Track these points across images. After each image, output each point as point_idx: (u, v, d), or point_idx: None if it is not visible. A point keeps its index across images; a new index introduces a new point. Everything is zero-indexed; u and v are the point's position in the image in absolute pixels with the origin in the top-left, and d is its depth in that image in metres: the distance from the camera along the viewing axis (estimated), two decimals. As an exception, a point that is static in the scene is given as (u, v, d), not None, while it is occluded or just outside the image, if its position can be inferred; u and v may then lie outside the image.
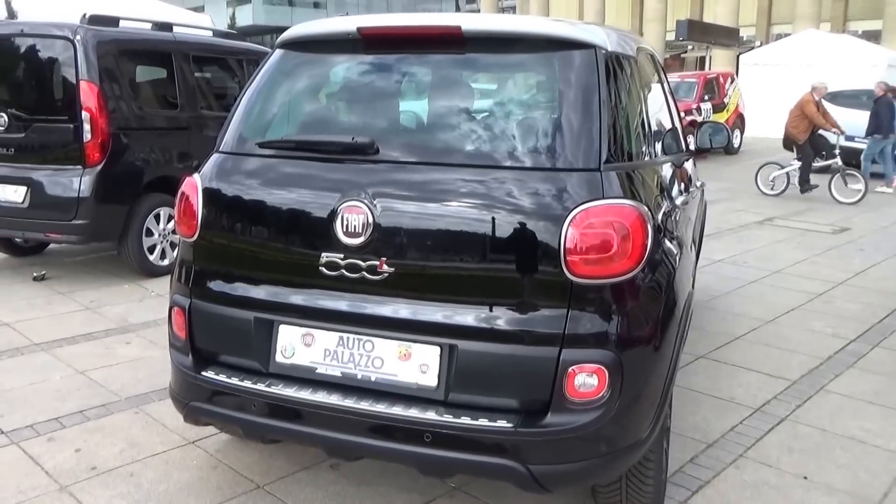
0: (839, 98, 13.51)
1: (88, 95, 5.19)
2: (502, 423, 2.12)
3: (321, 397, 2.27)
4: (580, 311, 2.12)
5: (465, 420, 2.13)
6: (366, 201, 2.21)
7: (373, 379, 2.27)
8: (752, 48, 25.02)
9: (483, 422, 2.13)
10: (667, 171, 2.98)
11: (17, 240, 6.30)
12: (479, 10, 40.74)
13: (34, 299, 5.30)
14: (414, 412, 2.17)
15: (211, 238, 2.50)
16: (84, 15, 5.49)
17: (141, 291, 5.56)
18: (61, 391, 3.76)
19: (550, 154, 2.21)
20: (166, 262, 5.97)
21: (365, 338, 2.29)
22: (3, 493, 2.84)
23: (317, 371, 2.33)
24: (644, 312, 2.23)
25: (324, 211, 2.27)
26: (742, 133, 16.95)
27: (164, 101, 5.98)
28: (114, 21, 5.64)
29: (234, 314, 2.44)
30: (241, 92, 2.70)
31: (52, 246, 6.64)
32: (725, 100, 16.42)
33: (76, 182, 5.29)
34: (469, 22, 2.34)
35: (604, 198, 2.13)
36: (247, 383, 2.37)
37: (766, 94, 18.78)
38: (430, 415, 2.16)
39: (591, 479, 2.33)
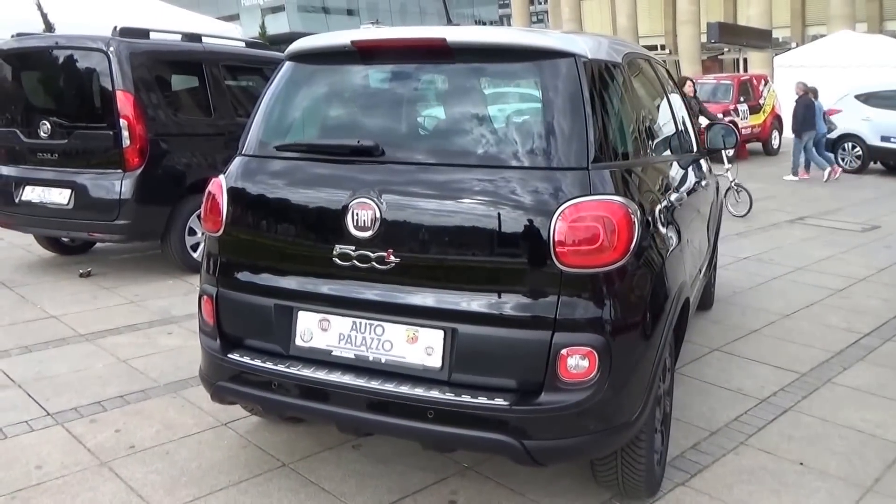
0: (873, 99, 13.39)
1: (125, 104, 5.50)
2: (499, 401, 2.31)
3: (335, 377, 2.48)
4: (570, 298, 2.30)
5: (465, 398, 2.33)
6: (373, 198, 2.43)
7: (383, 361, 2.48)
8: (788, 49, 24.75)
9: (481, 400, 2.32)
10: (667, 169, 3.13)
11: (63, 239, 6.66)
12: (510, 15, 40.78)
13: (80, 294, 5.63)
14: (419, 391, 2.38)
15: (235, 233, 2.74)
16: (115, 28, 5.82)
17: (185, 286, 5.86)
18: (104, 377, 4.04)
19: (540, 154, 2.40)
20: (207, 258, 6.27)
21: (376, 323, 2.50)
22: (49, 468, 3.10)
23: (332, 353, 2.55)
24: (631, 300, 2.40)
25: (336, 207, 2.49)
26: (780, 134, 16.82)
27: (199, 108, 6.28)
28: (144, 33, 5.97)
29: (258, 301, 2.67)
30: (258, 100, 2.94)
31: (97, 245, 6.99)
32: (761, 101, 16.34)
33: (117, 185, 5.61)
34: (454, 34, 2.55)
35: (591, 194, 2.31)
36: (268, 364, 2.60)
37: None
38: (434, 393, 2.36)
39: (581, 456, 2.50)
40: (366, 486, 2.95)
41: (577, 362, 2.30)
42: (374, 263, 2.44)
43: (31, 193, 5.90)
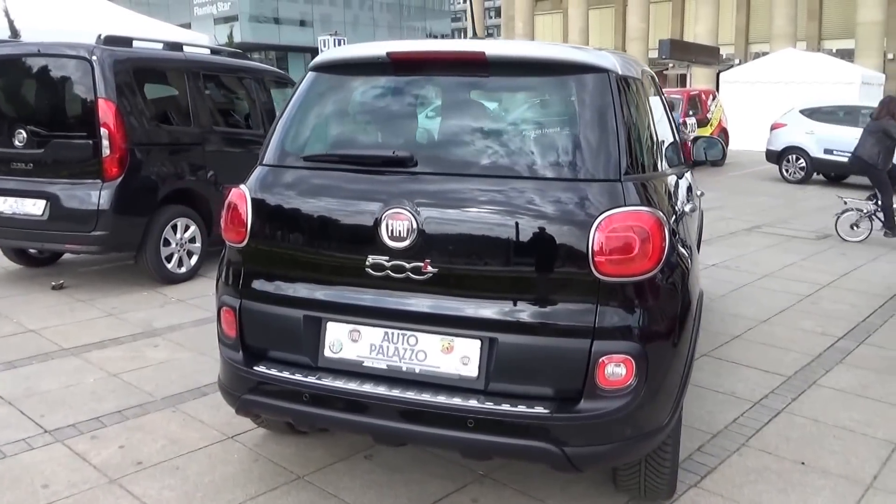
0: (816, 114, 14.02)
1: (106, 113, 5.39)
2: (539, 410, 2.35)
3: (369, 388, 2.49)
4: (608, 307, 2.36)
5: (506, 407, 2.36)
6: (409, 209, 2.44)
7: (417, 371, 2.50)
8: (732, 66, 25.61)
9: (521, 408, 2.35)
10: (672, 181, 3.23)
11: (31, 251, 6.46)
12: (463, 29, 41.13)
13: (56, 307, 5.47)
14: (457, 400, 2.40)
15: (260, 244, 2.72)
16: (99, 36, 5.71)
17: (160, 298, 5.75)
18: (97, 392, 3.94)
19: (576, 167, 2.45)
20: (183, 269, 6.19)
21: (409, 333, 2.51)
22: (56, 487, 3.02)
23: (364, 364, 2.55)
24: (664, 308, 2.47)
25: (368, 218, 2.49)
26: (726, 146, 17.45)
27: (179, 117, 6.19)
28: (127, 41, 5.86)
29: (284, 313, 2.66)
30: (280, 111, 2.93)
31: (66, 256, 6.80)
32: (708, 115, 16.93)
33: (95, 195, 5.48)
34: (492, 48, 2.59)
35: (625, 205, 2.38)
36: (298, 376, 2.58)
37: (746, 110, 19.29)
38: (473, 403, 2.39)
39: (617, 461, 2.55)
40: (385, 497, 2.96)
41: (615, 370, 2.35)
42: (409, 274, 2.45)
43: (2, 204, 5.72)
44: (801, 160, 14.08)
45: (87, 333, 4.90)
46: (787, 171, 14.34)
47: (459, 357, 2.46)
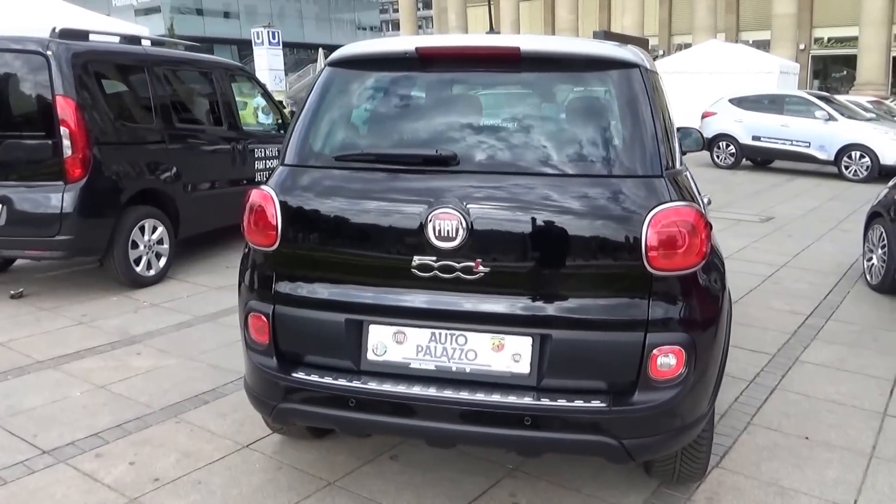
0: (745, 102, 14.66)
1: (66, 110, 5.11)
2: (596, 404, 2.38)
3: (419, 390, 2.46)
4: (659, 300, 2.41)
5: (562, 402, 2.38)
6: (457, 208, 2.42)
7: (467, 370, 2.49)
8: (657, 57, 26.30)
9: (579, 403, 2.38)
10: (689, 174, 3.31)
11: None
12: (391, 21, 40.88)
13: (19, 317, 5.18)
14: (513, 398, 2.40)
15: (293, 247, 2.64)
16: (54, 29, 5.40)
17: (132, 303, 5.52)
18: (88, 407, 3.77)
19: (620, 163, 2.48)
20: (152, 272, 5.97)
21: (457, 332, 2.50)
22: (71, 510, 2.88)
23: (410, 366, 2.52)
24: (708, 299, 2.54)
25: (413, 218, 2.45)
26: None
27: (140, 114, 5.94)
28: (84, 35, 5.57)
29: (323, 317, 2.59)
30: (300, 107, 2.84)
31: (17, 262, 6.45)
32: None
33: (58, 198, 5.21)
34: (527, 43, 2.59)
35: (671, 200, 2.42)
36: (342, 381, 2.53)
37: (673, 99, 19.81)
38: (528, 400, 2.40)
39: (667, 450, 2.60)
40: (424, 498, 2.94)
41: (666, 360, 2.40)
42: (459, 274, 2.43)
43: (-46, 210, 5.36)
44: (731, 146, 14.67)
45: (59, 344, 4.66)
46: (717, 157, 14.94)
47: (510, 354, 2.46)
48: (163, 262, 6.09)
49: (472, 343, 2.49)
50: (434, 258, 2.44)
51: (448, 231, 2.41)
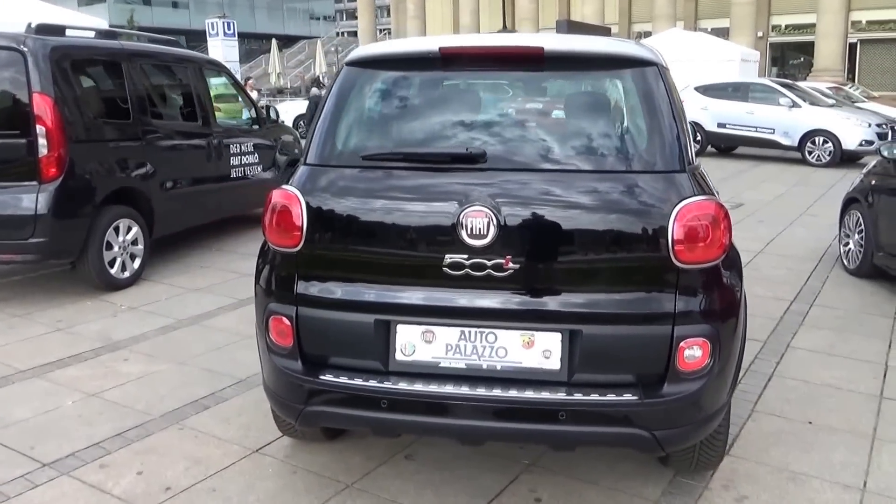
0: (710, 90, 14.92)
1: (43, 108, 4.93)
2: (629, 397, 2.39)
3: (452, 389, 2.44)
4: (685, 293, 2.42)
5: (595, 397, 2.39)
6: (488, 205, 2.39)
7: (498, 368, 2.47)
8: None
9: (611, 397, 2.38)
10: (703, 169, 3.33)
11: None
12: (346, 10, 40.48)
13: (-8, 325, 5.00)
14: (546, 394, 2.40)
15: (318, 247, 2.59)
16: (29, 24, 5.19)
17: (108, 306, 5.37)
18: (84, 416, 3.65)
19: (644, 159, 2.49)
20: (127, 274, 5.81)
21: (487, 330, 2.48)
22: (80, 524, 2.79)
23: (440, 365, 2.50)
24: (730, 291, 2.57)
25: (445, 216, 2.43)
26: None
27: (117, 110, 5.76)
28: (60, 30, 5.38)
29: (351, 318, 2.55)
30: (320, 106, 2.79)
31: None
32: None
33: (32, 199, 5.02)
34: (551, 43, 2.58)
35: (694, 195, 2.44)
36: (373, 383, 2.49)
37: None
38: (562, 395, 2.40)
39: (694, 439, 2.62)
40: (445, 496, 2.92)
41: (693, 352, 2.42)
42: (490, 271, 2.41)
43: (-80, 212, 5.13)
44: (697, 134, 14.90)
45: (40, 352, 4.51)
46: None
47: (541, 351, 2.45)
48: (137, 263, 5.94)
49: (501, 340, 2.48)
50: (465, 256, 2.42)
51: (480, 229, 2.39)
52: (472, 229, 2.39)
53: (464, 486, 2.97)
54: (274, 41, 36.46)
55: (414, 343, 2.52)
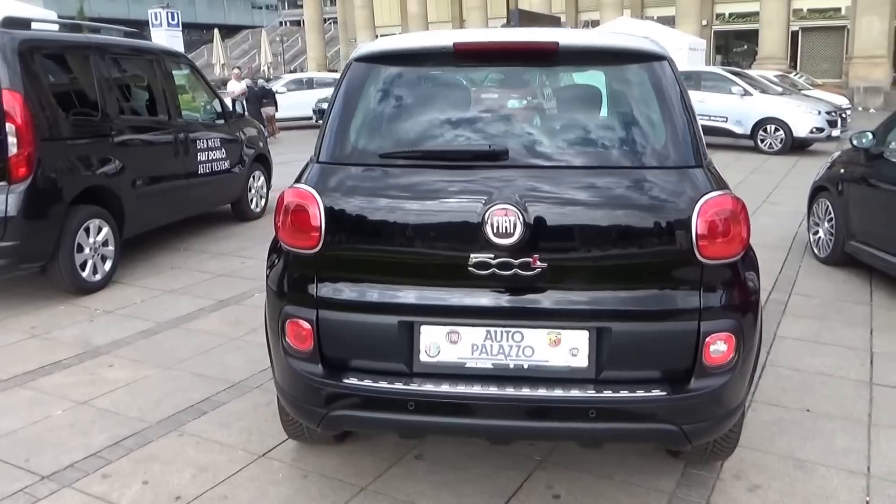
0: None
1: (12, 105, 4.72)
2: (657, 393, 2.40)
3: (481, 390, 2.42)
4: (710, 288, 2.44)
5: (625, 393, 2.39)
6: (515, 204, 2.37)
7: (525, 367, 2.46)
8: (566, 33, 26.70)
9: (641, 393, 2.39)
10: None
11: None
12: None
13: (-40, 333, 4.78)
14: (576, 392, 2.39)
15: (338, 249, 2.52)
16: None
17: (83, 310, 5.19)
18: (77, 425, 3.52)
19: (664, 155, 2.49)
20: (98, 276, 5.63)
21: (513, 329, 2.46)
22: (87, 538, 2.69)
23: (466, 366, 2.47)
24: (750, 285, 2.60)
25: (471, 215, 2.39)
26: None
27: (86, 106, 5.56)
28: (26, 23, 5.16)
29: (374, 320, 2.50)
30: (330, 103, 2.72)
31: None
32: None
33: (1, 200, 4.81)
34: (566, 38, 2.57)
35: (713, 190, 2.45)
36: (399, 385, 2.46)
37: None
38: (591, 393, 2.40)
39: (718, 433, 2.63)
40: (463, 496, 2.90)
41: (719, 347, 2.44)
42: (517, 270, 2.39)
43: None
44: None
45: (18, 360, 4.34)
46: None
47: (568, 349, 2.45)
48: (108, 265, 5.76)
49: (528, 339, 2.46)
50: (492, 255, 2.39)
51: (507, 227, 2.36)
52: (498, 228, 2.36)
53: (481, 486, 2.96)
54: (216, 31, 35.72)
55: (439, 344, 2.49)
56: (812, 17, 30.13)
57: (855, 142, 5.66)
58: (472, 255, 2.40)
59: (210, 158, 7.13)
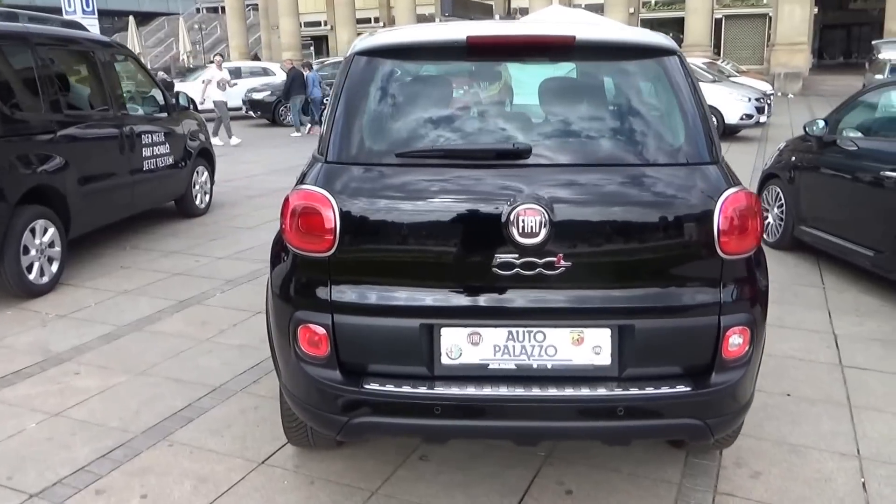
0: None
1: (-47, 99, 4.39)
2: (682, 388, 2.43)
3: (505, 391, 2.40)
4: (728, 283, 2.48)
5: (651, 390, 2.41)
6: (539, 202, 2.34)
7: (549, 366, 2.45)
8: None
9: (666, 389, 2.42)
10: None
11: None
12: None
13: None
14: (602, 391, 2.40)
15: (353, 251, 2.45)
16: None
17: (34, 315, 4.93)
18: (55, 439, 3.33)
19: (683, 151, 2.50)
20: (45, 279, 5.36)
21: (535, 329, 2.44)
22: (85, 559, 2.56)
23: (489, 367, 2.45)
24: (762, 279, 2.65)
25: (495, 215, 2.35)
26: None
27: (28, 101, 5.24)
28: None
29: (394, 324, 2.44)
30: (333, 99, 2.63)
31: None
32: None
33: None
34: (582, 32, 2.55)
35: (730, 186, 2.49)
36: (422, 389, 2.41)
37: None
38: (618, 391, 2.41)
39: (735, 424, 2.69)
40: (476, 496, 2.88)
41: (736, 340, 2.49)
42: (541, 270, 2.37)
43: None
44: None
45: (-26, 370, 4.07)
46: None
47: (591, 347, 2.45)
48: (55, 266, 5.48)
49: (550, 339, 2.45)
50: (516, 255, 2.36)
51: (532, 227, 2.33)
52: (523, 228, 2.33)
53: (491, 485, 2.95)
54: (131, 19, 34.28)
55: (460, 346, 2.45)
56: (735, 5, 31.18)
57: (808, 129, 5.87)
58: (496, 256, 2.37)
59: (155, 154, 6.85)
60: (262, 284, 5.53)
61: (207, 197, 8.21)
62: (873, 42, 21.57)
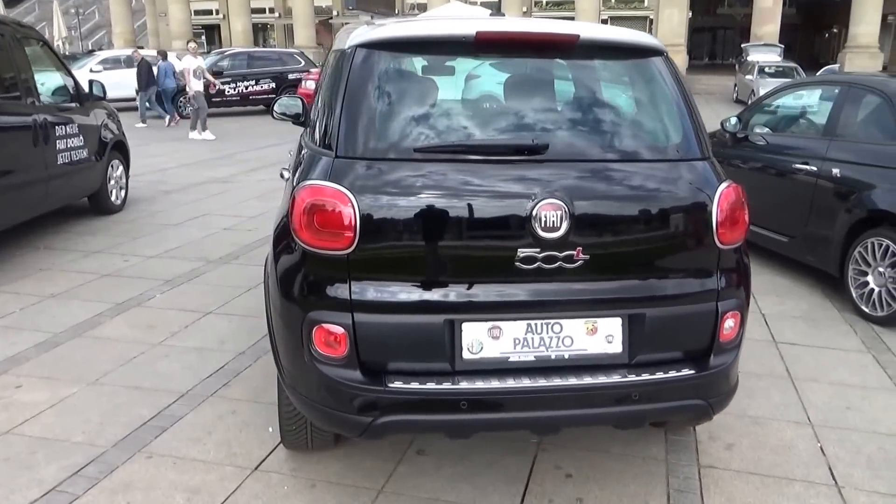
0: None
1: None
2: (687, 371, 2.57)
3: (528, 382, 2.46)
4: (724, 270, 2.65)
5: (661, 375, 2.54)
6: (560, 197, 2.41)
7: (566, 357, 2.53)
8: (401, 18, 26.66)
9: (673, 373, 2.55)
10: None
11: None
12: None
13: None
14: (617, 377, 2.51)
15: (374, 249, 2.42)
16: None
17: (-41, 326, 4.52)
18: (13, 459, 3.09)
19: (682, 147, 2.64)
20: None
21: (553, 321, 2.52)
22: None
23: (510, 360, 2.50)
24: (748, 266, 2.84)
25: (518, 209, 2.40)
26: None
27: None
28: None
29: (418, 320, 2.44)
30: (335, 93, 2.58)
31: None
32: None
33: None
34: (586, 31, 2.64)
35: (724, 180, 2.66)
36: (447, 385, 2.43)
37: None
38: (632, 377, 2.52)
39: (727, 405, 2.86)
40: (483, 488, 2.92)
41: (729, 324, 2.66)
42: (562, 263, 2.44)
43: None
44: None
45: None
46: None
47: (604, 336, 2.55)
48: None
49: (567, 329, 2.53)
50: (538, 249, 2.42)
51: (553, 221, 2.39)
52: (545, 222, 2.39)
53: (494, 474, 3.00)
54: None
55: (481, 340, 2.49)
56: (619, 7, 32.63)
57: (724, 126, 6.25)
58: (519, 250, 2.42)
59: (69, 146, 6.42)
60: (205, 284, 5.48)
61: (123, 192, 7.77)
62: (742, 45, 23.17)
